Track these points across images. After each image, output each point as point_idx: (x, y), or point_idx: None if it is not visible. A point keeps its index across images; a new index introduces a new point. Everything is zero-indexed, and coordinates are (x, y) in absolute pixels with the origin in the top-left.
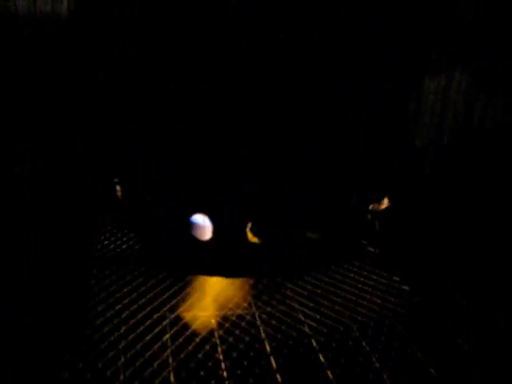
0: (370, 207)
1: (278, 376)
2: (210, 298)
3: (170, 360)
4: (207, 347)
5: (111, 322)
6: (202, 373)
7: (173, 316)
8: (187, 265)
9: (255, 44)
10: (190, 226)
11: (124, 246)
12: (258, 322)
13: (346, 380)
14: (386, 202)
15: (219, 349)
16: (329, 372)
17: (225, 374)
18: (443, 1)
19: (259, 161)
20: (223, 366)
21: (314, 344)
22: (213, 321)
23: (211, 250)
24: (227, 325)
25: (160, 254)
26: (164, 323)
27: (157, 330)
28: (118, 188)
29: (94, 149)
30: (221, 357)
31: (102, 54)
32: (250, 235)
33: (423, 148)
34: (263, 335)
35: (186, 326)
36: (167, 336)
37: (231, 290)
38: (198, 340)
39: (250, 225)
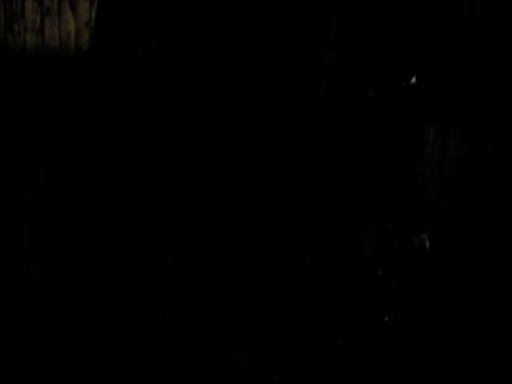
0: None
1: None
2: None
3: None
4: None
5: None
6: None
7: None
8: None
9: (254, 50)
10: None
11: None
12: None
13: None
14: None
15: None
16: None
17: None
18: (437, 3)
19: (260, 166)
20: None
21: None
22: None
23: None
24: None
25: None
26: None
27: None
28: None
29: (95, 160)
30: None
31: (103, 65)
32: None
33: (425, 181)
34: None
35: None
36: None
37: None
38: None
39: None
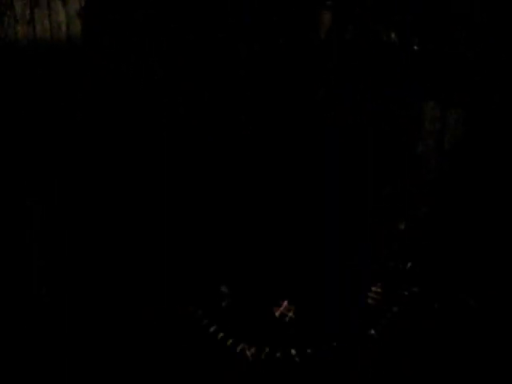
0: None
1: None
2: None
3: None
4: None
5: None
6: None
7: None
8: None
9: (254, 50)
10: None
11: None
12: None
13: None
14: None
15: None
16: None
17: None
18: (437, 3)
19: (260, 167)
20: None
21: None
22: None
23: None
24: None
25: None
26: None
27: None
28: None
29: (93, 169)
30: None
31: (95, 55)
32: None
33: (424, 155)
34: None
35: None
36: None
37: None
38: None
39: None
